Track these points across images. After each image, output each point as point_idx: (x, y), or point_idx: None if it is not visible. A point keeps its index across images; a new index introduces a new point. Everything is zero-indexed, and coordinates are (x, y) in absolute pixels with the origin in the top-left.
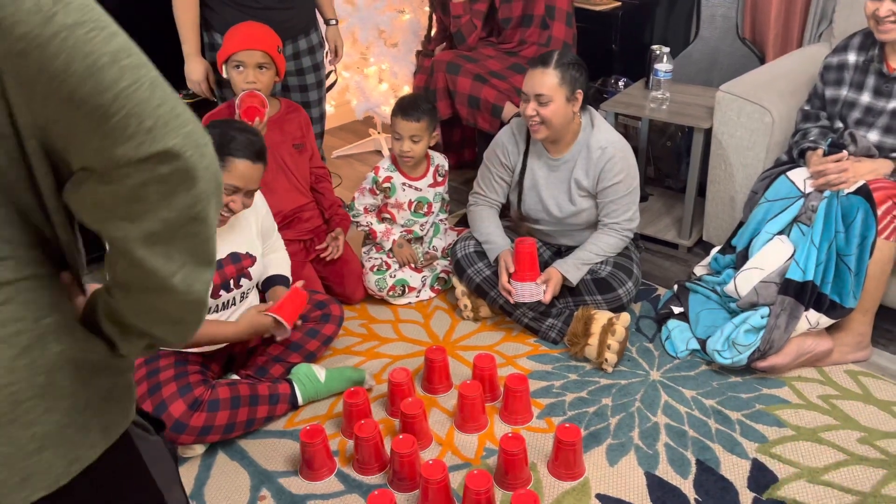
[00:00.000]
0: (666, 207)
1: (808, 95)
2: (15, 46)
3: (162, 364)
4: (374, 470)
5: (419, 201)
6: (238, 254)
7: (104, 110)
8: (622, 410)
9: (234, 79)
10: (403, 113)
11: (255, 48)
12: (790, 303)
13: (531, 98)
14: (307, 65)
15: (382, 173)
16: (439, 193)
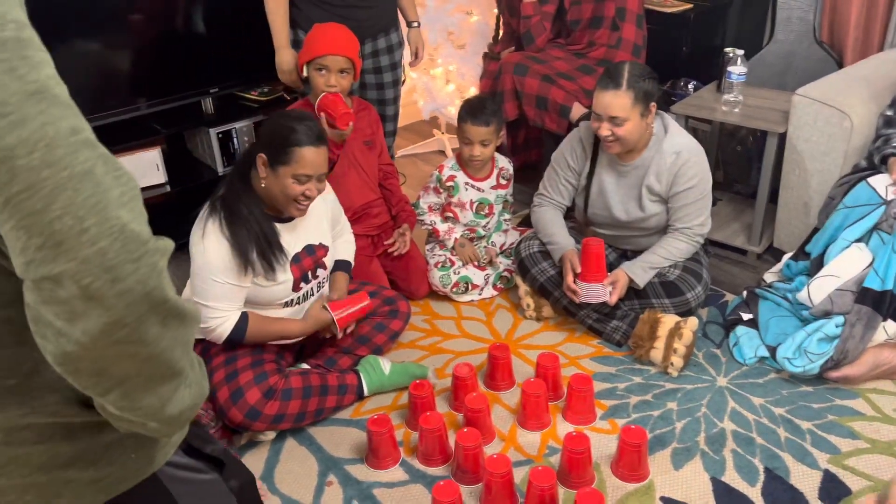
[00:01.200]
0: (735, 213)
1: (892, 100)
2: None
3: (240, 352)
4: (437, 462)
5: (480, 202)
6: (312, 245)
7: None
8: (688, 415)
9: (316, 81)
10: (473, 117)
11: (340, 54)
12: (867, 312)
13: (604, 119)
14: (385, 63)
15: (447, 172)
16: (501, 196)
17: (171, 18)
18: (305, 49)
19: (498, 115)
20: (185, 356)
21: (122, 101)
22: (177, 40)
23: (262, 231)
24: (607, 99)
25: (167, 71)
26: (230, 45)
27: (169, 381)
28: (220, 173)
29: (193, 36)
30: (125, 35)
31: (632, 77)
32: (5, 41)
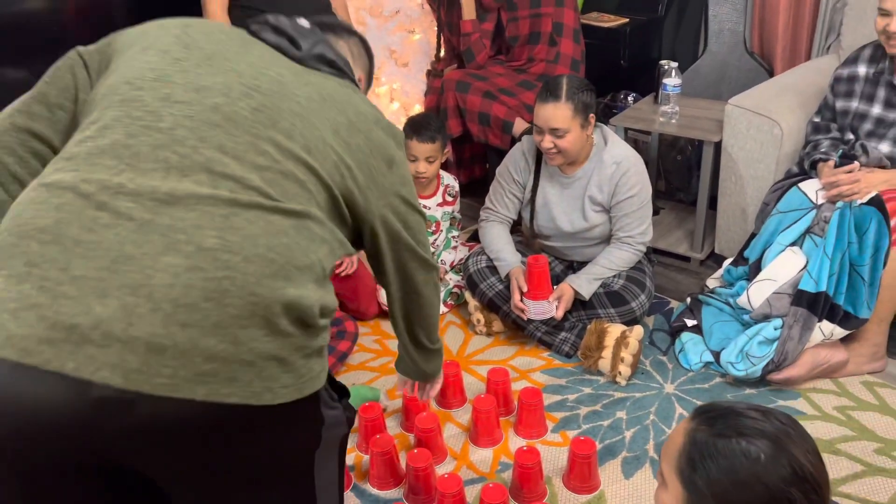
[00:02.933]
0: (678, 221)
1: (819, 107)
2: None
3: None
4: (389, 484)
5: (427, 219)
6: None
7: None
8: (637, 423)
9: None
10: (417, 134)
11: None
12: (803, 314)
13: (546, 131)
14: None
15: None
16: (448, 213)
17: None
18: None
19: (442, 132)
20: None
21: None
22: None
23: None
24: (548, 111)
25: None
26: None
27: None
28: None
29: None
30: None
31: (570, 89)
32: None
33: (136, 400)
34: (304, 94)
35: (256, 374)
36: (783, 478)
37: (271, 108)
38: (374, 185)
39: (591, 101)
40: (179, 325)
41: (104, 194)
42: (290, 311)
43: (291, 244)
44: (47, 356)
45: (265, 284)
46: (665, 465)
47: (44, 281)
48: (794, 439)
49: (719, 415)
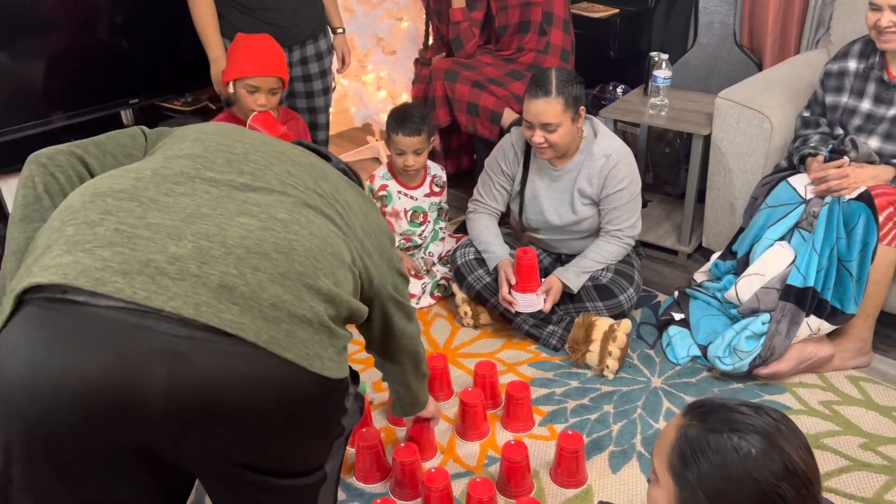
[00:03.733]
0: (665, 214)
1: (808, 102)
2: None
3: None
4: (375, 479)
5: (415, 210)
6: None
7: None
8: (624, 417)
9: (244, 100)
10: (402, 128)
11: (270, 74)
12: (791, 309)
13: (537, 126)
14: (314, 71)
15: (378, 181)
16: (435, 203)
17: (85, 25)
18: (231, 66)
19: (427, 122)
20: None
21: (34, 114)
22: (93, 48)
23: None
24: (538, 107)
25: (82, 81)
26: (151, 53)
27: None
28: None
29: (111, 44)
30: (36, 43)
31: (560, 83)
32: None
33: (188, 353)
34: (336, 174)
35: (311, 336)
36: (774, 473)
37: (321, 168)
38: (382, 262)
39: (581, 93)
40: (251, 268)
41: (182, 177)
42: (340, 292)
43: (342, 245)
44: (119, 285)
45: (325, 257)
46: (657, 462)
47: (119, 224)
48: (786, 435)
49: (711, 410)
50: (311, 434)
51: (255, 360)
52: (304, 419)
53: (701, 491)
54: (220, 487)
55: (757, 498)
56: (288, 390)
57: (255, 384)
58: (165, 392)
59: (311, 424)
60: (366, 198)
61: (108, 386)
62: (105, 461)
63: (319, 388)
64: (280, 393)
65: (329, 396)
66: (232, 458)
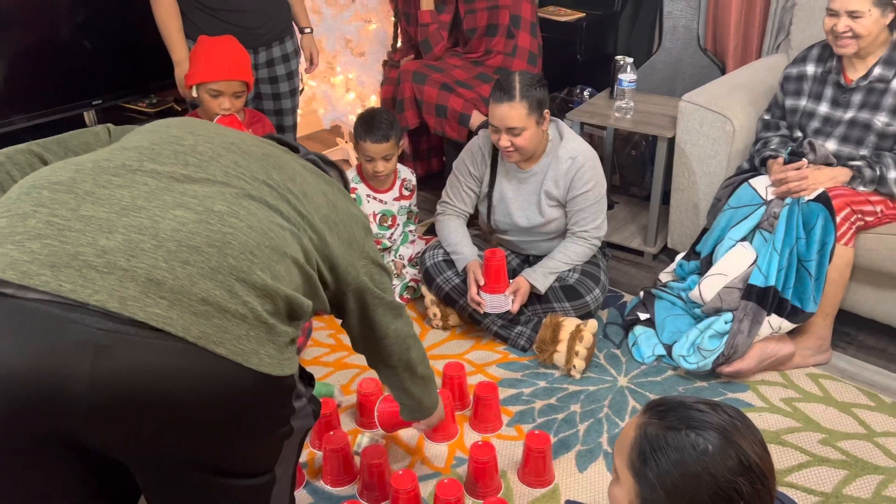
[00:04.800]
0: (631, 215)
1: (769, 105)
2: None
3: None
4: (343, 482)
5: (384, 214)
6: None
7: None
8: (591, 417)
9: (208, 104)
10: (370, 134)
11: (234, 78)
12: (753, 308)
13: (502, 130)
14: (281, 73)
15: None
16: (405, 207)
17: (47, 24)
18: (194, 70)
19: (395, 126)
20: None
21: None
22: (54, 48)
23: None
24: (503, 111)
25: (44, 82)
26: (114, 53)
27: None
28: None
29: (73, 43)
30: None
31: (523, 87)
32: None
33: (113, 346)
34: (299, 164)
35: (246, 331)
36: (730, 468)
37: (277, 158)
38: (352, 252)
39: (545, 96)
40: (181, 262)
41: (123, 169)
42: (279, 286)
43: (287, 238)
44: (46, 278)
45: (263, 251)
46: (618, 459)
47: (51, 217)
48: (742, 431)
49: (669, 408)
50: (252, 433)
51: (184, 354)
52: (241, 416)
53: (660, 487)
54: (158, 485)
55: (714, 493)
56: (219, 386)
57: (182, 378)
58: (88, 384)
59: (250, 422)
60: (335, 186)
61: (31, 377)
62: (31, 451)
63: (256, 384)
64: (210, 388)
65: (268, 394)
66: (165, 454)
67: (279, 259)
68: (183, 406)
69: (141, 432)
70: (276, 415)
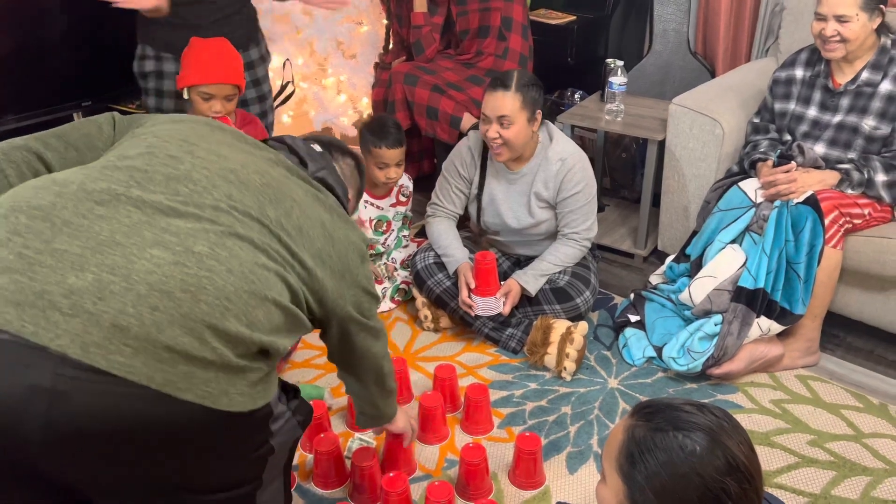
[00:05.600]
0: (622, 218)
1: (758, 108)
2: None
3: None
4: (334, 484)
5: (379, 219)
6: None
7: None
8: (581, 418)
9: (199, 106)
10: (385, 141)
11: (226, 82)
12: (742, 310)
13: (493, 120)
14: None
15: None
16: (400, 213)
17: (36, 25)
18: (185, 72)
19: (402, 130)
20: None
21: None
22: (44, 49)
23: None
24: (497, 99)
25: (33, 82)
26: (104, 53)
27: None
28: None
29: (63, 44)
30: None
31: (520, 82)
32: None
33: (71, 392)
34: (300, 192)
35: (214, 375)
36: (718, 469)
37: (277, 189)
38: (343, 284)
39: (540, 98)
40: (149, 308)
41: (108, 194)
42: (253, 334)
43: (271, 280)
44: (10, 317)
45: (241, 297)
46: (606, 462)
47: (24, 248)
48: (729, 432)
49: (657, 410)
50: (225, 461)
51: (148, 400)
52: (212, 450)
53: (649, 489)
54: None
55: (702, 493)
56: (187, 428)
57: (147, 423)
58: (41, 427)
59: (222, 453)
60: (335, 213)
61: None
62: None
63: (227, 423)
64: (177, 431)
65: (241, 427)
66: (131, 485)
67: (258, 304)
68: (148, 447)
69: (100, 471)
70: (252, 442)
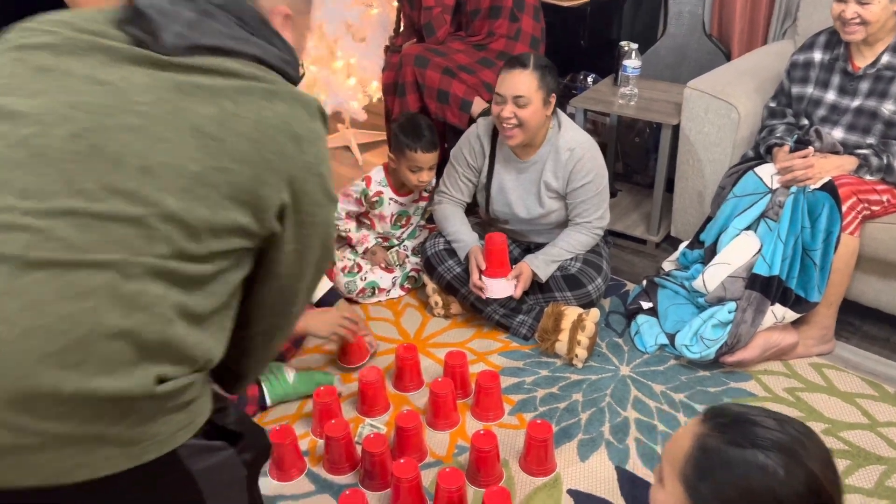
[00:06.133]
0: (635, 203)
1: (775, 92)
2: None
3: None
4: (345, 469)
5: (400, 214)
6: None
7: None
8: (592, 406)
9: None
10: (420, 144)
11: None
12: (757, 297)
13: (508, 100)
14: None
15: (374, 187)
16: (420, 208)
17: None
18: None
19: (435, 133)
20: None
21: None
22: None
23: None
24: (514, 78)
25: None
26: None
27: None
28: None
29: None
30: None
31: (537, 63)
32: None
33: None
34: (150, 98)
35: (56, 454)
36: (798, 493)
37: (96, 129)
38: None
39: (555, 81)
40: None
41: None
42: (90, 397)
43: (103, 302)
44: None
45: (48, 365)
46: (667, 467)
47: None
48: (810, 451)
49: (732, 421)
50: None
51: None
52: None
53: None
54: None
55: None
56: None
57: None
58: None
59: None
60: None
61: None
62: None
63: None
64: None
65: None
66: None
67: (85, 347)
68: None
69: None
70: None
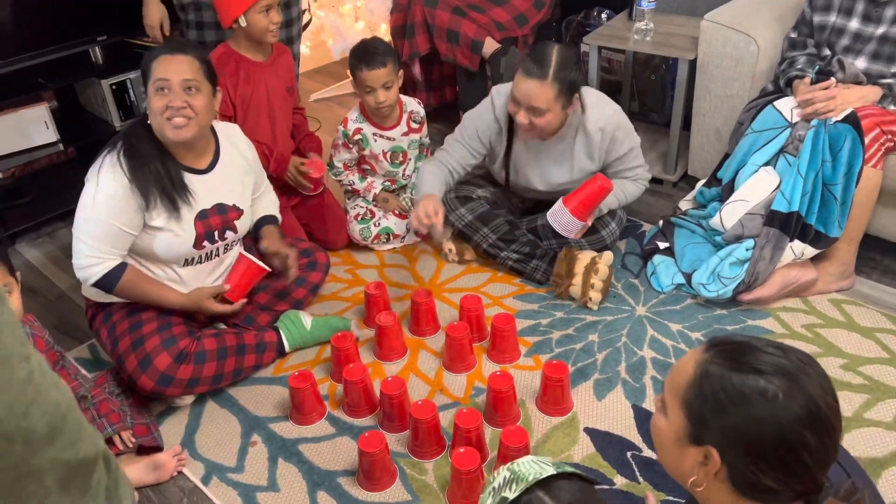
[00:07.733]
0: (651, 142)
1: (796, 22)
2: None
3: (144, 317)
4: (364, 413)
5: (393, 150)
6: (224, 205)
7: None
8: (608, 346)
9: (260, 23)
10: (366, 63)
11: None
12: (775, 234)
13: (524, 106)
14: None
15: (351, 125)
16: (415, 141)
17: None
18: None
19: (392, 53)
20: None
21: (1, 53)
22: None
23: (164, 168)
24: (530, 88)
25: (49, 18)
26: None
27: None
28: (118, 128)
29: None
30: None
31: (558, 66)
32: None
33: None
34: None
35: None
36: (798, 418)
37: None
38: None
39: (579, 78)
40: None
41: None
42: None
43: None
44: None
45: None
46: (669, 395)
47: None
48: (813, 378)
49: (736, 348)
50: None
51: None
52: None
53: (717, 430)
54: None
55: (777, 441)
56: None
57: None
58: None
59: None
60: None
61: None
62: None
63: None
64: None
65: None
66: None
67: None
68: None
69: None
70: None
